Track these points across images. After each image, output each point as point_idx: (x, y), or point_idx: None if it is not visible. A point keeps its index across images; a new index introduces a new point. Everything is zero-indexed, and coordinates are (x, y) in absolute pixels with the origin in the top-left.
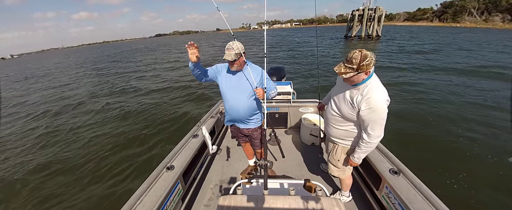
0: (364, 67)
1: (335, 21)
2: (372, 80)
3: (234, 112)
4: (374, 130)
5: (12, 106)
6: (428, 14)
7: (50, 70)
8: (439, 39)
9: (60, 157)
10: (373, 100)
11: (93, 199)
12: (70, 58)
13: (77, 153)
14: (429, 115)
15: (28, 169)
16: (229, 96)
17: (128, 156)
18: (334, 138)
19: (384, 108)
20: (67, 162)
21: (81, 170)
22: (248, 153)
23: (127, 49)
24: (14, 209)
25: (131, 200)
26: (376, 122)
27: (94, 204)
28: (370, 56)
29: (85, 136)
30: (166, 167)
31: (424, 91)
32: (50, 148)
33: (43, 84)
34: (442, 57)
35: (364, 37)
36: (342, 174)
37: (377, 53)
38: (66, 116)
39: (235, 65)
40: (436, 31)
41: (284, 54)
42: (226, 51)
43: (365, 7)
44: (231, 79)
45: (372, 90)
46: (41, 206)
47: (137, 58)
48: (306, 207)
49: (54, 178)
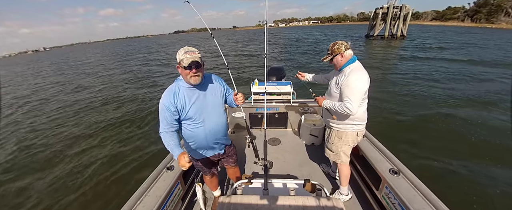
0: (336, 50)
1: (355, 20)
2: (354, 65)
3: (212, 135)
4: (347, 101)
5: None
6: (459, 13)
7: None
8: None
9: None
10: (350, 78)
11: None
12: (118, 49)
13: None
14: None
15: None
16: (204, 118)
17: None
18: (329, 124)
19: (357, 85)
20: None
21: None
22: (214, 183)
23: (155, 44)
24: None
25: (131, 200)
26: (349, 96)
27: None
28: (339, 42)
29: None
30: (166, 167)
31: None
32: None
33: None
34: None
35: (387, 36)
36: (337, 158)
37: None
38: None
39: (200, 74)
40: (468, 31)
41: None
42: (187, 55)
43: (390, 5)
44: (199, 98)
45: (352, 71)
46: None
47: (169, 50)
48: (306, 207)
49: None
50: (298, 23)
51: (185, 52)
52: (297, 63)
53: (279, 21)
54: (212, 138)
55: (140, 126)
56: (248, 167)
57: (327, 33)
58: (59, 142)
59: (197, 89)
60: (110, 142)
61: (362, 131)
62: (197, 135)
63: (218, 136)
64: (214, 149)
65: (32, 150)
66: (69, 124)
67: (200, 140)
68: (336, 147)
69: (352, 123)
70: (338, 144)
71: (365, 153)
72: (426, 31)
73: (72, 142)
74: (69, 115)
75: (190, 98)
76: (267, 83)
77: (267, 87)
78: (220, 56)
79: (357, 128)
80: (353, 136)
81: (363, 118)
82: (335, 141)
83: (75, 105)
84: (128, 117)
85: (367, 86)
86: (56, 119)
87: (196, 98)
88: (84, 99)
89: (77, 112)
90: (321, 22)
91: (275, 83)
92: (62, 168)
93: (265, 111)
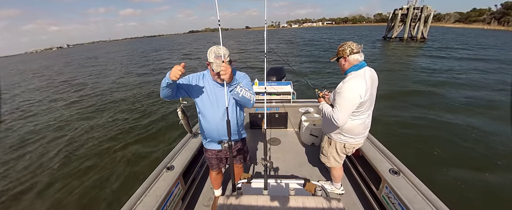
0: (340, 53)
1: (372, 21)
2: (357, 73)
3: (223, 129)
4: (335, 109)
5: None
6: (485, 15)
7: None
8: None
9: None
10: (345, 86)
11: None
12: (148, 47)
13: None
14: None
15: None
16: (218, 111)
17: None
18: (323, 130)
19: (347, 96)
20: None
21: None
22: (218, 181)
23: (175, 42)
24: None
25: (131, 200)
26: (338, 104)
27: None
28: (347, 44)
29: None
30: (166, 167)
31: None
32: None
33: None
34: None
35: (406, 38)
36: (327, 161)
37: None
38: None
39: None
40: (493, 34)
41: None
42: (217, 61)
43: (410, 6)
44: (215, 92)
45: (351, 80)
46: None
47: (191, 47)
48: (306, 207)
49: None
50: (312, 24)
51: (216, 56)
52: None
53: (292, 21)
54: (223, 133)
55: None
56: (249, 167)
57: (339, 33)
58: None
59: (218, 84)
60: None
61: (352, 145)
62: (209, 125)
63: (230, 131)
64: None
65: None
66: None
67: (211, 131)
68: (326, 151)
69: (340, 134)
70: (328, 149)
71: (365, 153)
72: (449, 33)
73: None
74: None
75: (206, 88)
76: (267, 83)
77: (267, 87)
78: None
79: (345, 140)
80: (340, 146)
81: (354, 132)
82: (325, 146)
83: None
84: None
85: (361, 99)
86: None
87: (213, 91)
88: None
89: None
90: (336, 23)
91: (275, 83)
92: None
93: (265, 111)
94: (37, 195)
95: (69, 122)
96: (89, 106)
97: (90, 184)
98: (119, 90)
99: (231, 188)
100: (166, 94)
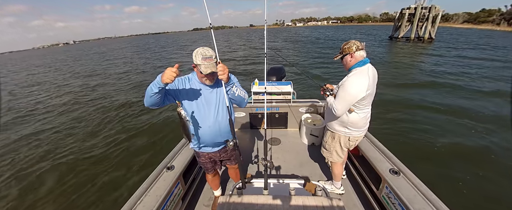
0: (346, 50)
1: (378, 20)
2: (361, 68)
3: (215, 132)
4: (337, 102)
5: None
6: (495, 16)
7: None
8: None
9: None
10: (348, 80)
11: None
12: (159, 43)
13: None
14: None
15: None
16: (207, 114)
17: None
18: (327, 126)
19: (350, 90)
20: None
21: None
22: (216, 182)
23: (180, 39)
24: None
25: (131, 200)
26: (339, 96)
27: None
28: (352, 42)
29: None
30: (166, 167)
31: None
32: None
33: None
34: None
35: (413, 38)
36: (330, 156)
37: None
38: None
39: (214, 77)
40: (503, 36)
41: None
42: (204, 62)
43: (418, 5)
44: (204, 94)
45: (355, 75)
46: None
47: (198, 44)
48: (306, 207)
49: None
50: (317, 23)
51: (203, 58)
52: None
53: (297, 20)
54: (215, 135)
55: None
56: (249, 167)
57: (350, 33)
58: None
59: (207, 86)
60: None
61: (355, 137)
62: (201, 129)
63: (221, 134)
64: (218, 146)
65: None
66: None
67: (203, 134)
68: (329, 146)
69: (346, 127)
70: (332, 143)
71: (365, 153)
72: (457, 34)
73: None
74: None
75: (195, 92)
76: (267, 83)
77: (267, 87)
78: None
79: (350, 133)
80: (345, 140)
81: (358, 125)
82: (329, 140)
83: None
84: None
85: (363, 94)
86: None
87: (201, 93)
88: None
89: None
90: (341, 22)
91: (275, 83)
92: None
93: (265, 111)
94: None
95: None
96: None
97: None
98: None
99: (231, 188)
100: (154, 102)
